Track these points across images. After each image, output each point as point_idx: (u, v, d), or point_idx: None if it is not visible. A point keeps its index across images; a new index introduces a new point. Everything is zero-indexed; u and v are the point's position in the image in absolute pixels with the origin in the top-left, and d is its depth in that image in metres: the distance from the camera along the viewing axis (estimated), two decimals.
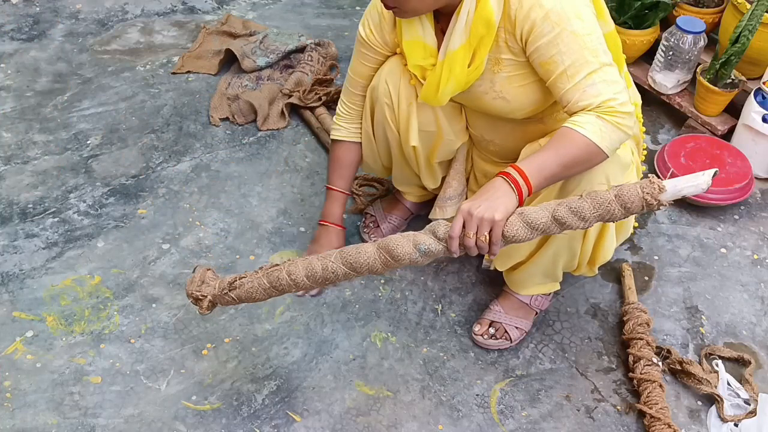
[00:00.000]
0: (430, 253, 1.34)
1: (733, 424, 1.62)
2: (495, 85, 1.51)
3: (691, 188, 1.26)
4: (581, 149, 1.33)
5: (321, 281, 1.41)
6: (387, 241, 1.36)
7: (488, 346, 1.76)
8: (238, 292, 1.45)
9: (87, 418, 1.61)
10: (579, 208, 1.28)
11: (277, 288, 1.44)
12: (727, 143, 2.21)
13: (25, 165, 2.20)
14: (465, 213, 1.30)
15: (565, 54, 1.36)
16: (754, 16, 2.08)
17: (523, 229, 1.30)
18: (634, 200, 1.25)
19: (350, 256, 1.37)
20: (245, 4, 2.98)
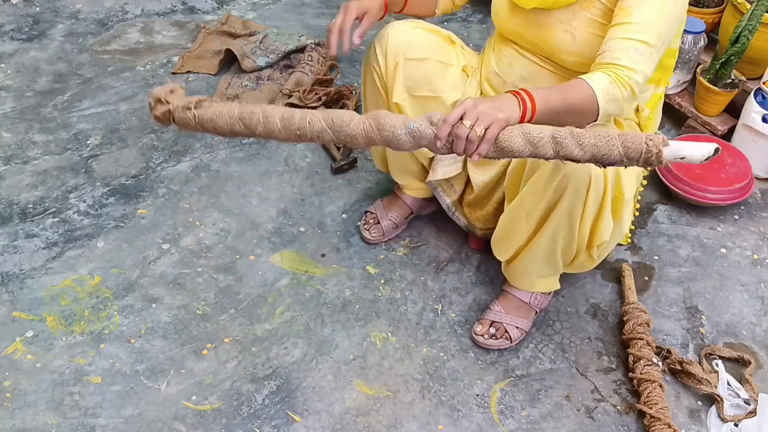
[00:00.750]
0: (417, 134, 1.29)
1: (733, 424, 1.62)
2: (574, 20, 1.51)
3: (692, 152, 1.25)
4: (584, 98, 1.37)
5: (294, 131, 1.33)
6: (378, 112, 1.32)
7: (489, 346, 1.76)
8: (202, 112, 1.36)
9: (87, 418, 1.61)
10: (580, 135, 1.26)
11: (245, 123, 1.35)
12: (727, 143, 2.21)
13: (25, 165, 2.20)
14: (468, 104, 1.28)
15: (642, 13, 1.40)
16: (754, 16, 2.08)
17: (519, 139, 1.27)
18: (637, 145, 1.23)
19: (333, 114, 1.32)
20: (245, 4, 2.98)
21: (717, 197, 2.08)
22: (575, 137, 1.26)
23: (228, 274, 1.92)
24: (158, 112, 1.39)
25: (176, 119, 1.39)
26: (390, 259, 1.98)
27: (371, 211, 2.04)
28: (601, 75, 1.39)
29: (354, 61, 2.67)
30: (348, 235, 2.04)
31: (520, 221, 1.63)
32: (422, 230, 2.06)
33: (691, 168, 2.11)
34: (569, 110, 1.37)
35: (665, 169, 2.14)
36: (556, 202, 1.52)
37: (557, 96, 1.36)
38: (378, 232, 2.00)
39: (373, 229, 2.00)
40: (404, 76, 1.70)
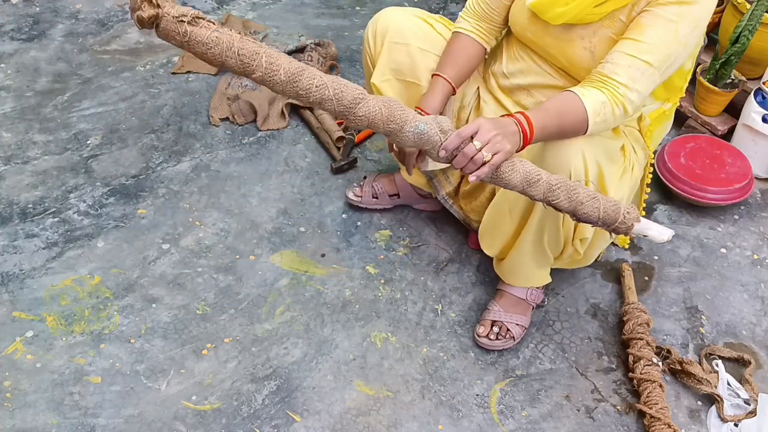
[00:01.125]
0: (423, 137, 1.28)
1: (733, 424, 1.62)
2: (594, 37, 1.52)
3: (655, 233, 1.38)
4: (577, 122, 1.41)
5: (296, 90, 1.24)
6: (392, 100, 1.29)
7: (494, 347, 1.76)
8: (197, 31, 1.22)
9: (87, 418, 1.61)
10: (572, 189, 1.33)
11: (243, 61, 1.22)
12: (727, 143, 2.21)
13: (25, 165, 2.20)
14: (484, 125, 1.32)
15: (654, 36, 1.41)
16: (754, 16, 2.08)
17: (518, 174, 1.32)
18: (615, 215, 1.34)
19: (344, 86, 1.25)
20: (245, 4, 2.98)
21: (717, 197, 2.08)
22: (567, 190, 1.33)
23: (228, 274, 1.92)
24: (144, 14, 1.19)
25: (161, 28, 1.21)
26: (390, 259, 1.98)
27: (365, 178, 2.12)
28: (597, 93, 1.41)
29: (354, 61, 2.67)
30: (348, 235, 2.04)
31: (504, 215, 1.65)
32: (422, 230, 2.06)
33: (692, 168, 2.11)
34: (561, 134, 1.44)
35: (665, 168, 2.14)
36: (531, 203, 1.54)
37: (554, 123, 1.41)
38: (359, 192, 2.07)
39: (357, 189, 2.08)
40: (388, 58, 1.72)
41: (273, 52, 1.25)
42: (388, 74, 1.74)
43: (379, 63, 1.73)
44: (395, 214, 2.10)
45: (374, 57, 1.75)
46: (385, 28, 1.71)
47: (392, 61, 1.72)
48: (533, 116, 1.39)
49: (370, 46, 1.75)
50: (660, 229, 1.38)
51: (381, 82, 1.74)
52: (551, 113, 1.41)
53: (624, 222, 1.34)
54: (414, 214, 2.10)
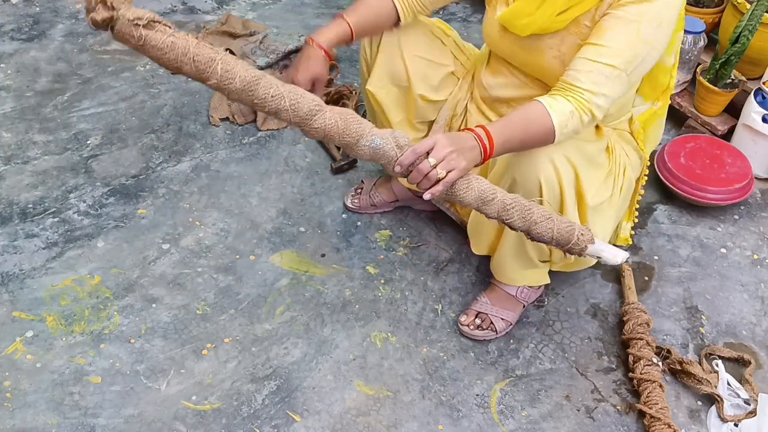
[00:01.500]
0: (379, 152, 1.27)
1: (733, 424, 1.62)
2: (562, 45, 1.51)
3: (609, 256, 1.40)
4: (543, 131, 1.39)
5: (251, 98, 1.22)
6: (348, 112, 1.27)
7: (474, 337, 1.78)
8: (152, 35, 1.19)
9: (87, 418, 1.61)
10: (527, 209, 1.34)
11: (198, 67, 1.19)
12: (727, 143, 2.21)
13: (25, 165, 2.20)
14: (440, 142, 1.31)
15: (615, 39, 1.39)
16: (754, 16, 2.08)
17: (473, 192, 1.32)
18: (568, 236, 1.35)
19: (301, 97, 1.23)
20: (245, 4, 2.98)
21: (717, 197, 2.08)
22: (521, 210, 1.33)
23: (228, 274, 1.92)
24: (98, 17, 1.16)
25: (116, 30, 1.19)
26: (390, 259, 1.98)
27: (363, 182, 2.12)
28: (564, 103, 1.39)
29: (354, 61, 2.67)
30: (348, 235, 2.04)
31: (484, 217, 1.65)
32: (422, 230, 2.06)
33: (692, 168, 2.11)
34: (528, 143, 1.42)
35: (665, 168, 2.14)
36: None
37: (517, 136, 1.39)
38: (357, 202, 2.08)
39: (355, 198, 2.09)
40: (384, 64, 1.72)
41: (230, 59, 1.22)
42: (385, 80, 1.74)
43: (375, 69, 1.73)
44: (395, 214, 2.10)
45: (370, 63, 1.75)
46: (379, 35, 1.71)
47: (388, 67, 1.72)
48: (494, 130, 1.37)
49: (366, 52, 1.75)
50: (614, 252, 1.40)
51: (377, 88, 1.74)
52: (515, 126, 1.39)
53: (577, 243, 1.35)
54: (414, 214, 2.10)
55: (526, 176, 1.47)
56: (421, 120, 1.82)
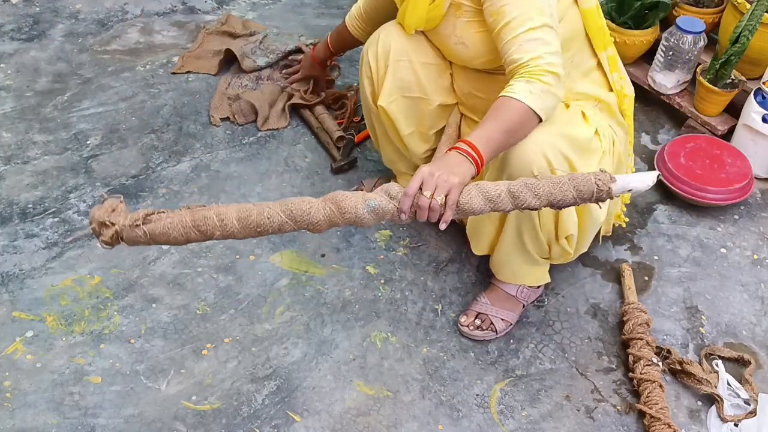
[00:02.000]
0: (378, 211, 1.29)
1: (733, 424, 1.62)
2: (456, 30, 1.58)
3: (638, 183, 1.34)
4: (517, 113, 1.39)
5: (254, 228, 1.29)
6: (335, 194, 1.31)
7: (474, 337, 1.78)
8: (152, 226, 1.27)
9: (87, 418, 1.61)
10: (534, 185, 1.32)
11: (200, 230, 1.27)
12: (727, 143, 2.21)
13: (25, 165, 2.20)
14: (425, 173, 1.31)
15: (513, 5, 1.42)
16: (754, 16, 2.08)
17: (477, 198, 1.31)
18: (587, 185, 1.31)
19: (292, 204, 1.29)
20: (245, 4, 2.98)
21: (717, 197, 2.08)
22: (530, 188, 1.31)
23: (228, 274, 1.92)
24: (106, 237, 1.28)
25: (125, 238, 1.29)
26: (390, 259, 1.98)
27: (363, 183, 2.12)
28: (520, 82, 1.40)
29: (354, 61, 2.67)
30: (348, 235, 2.04)
31: (483, 217, 1.67)
32: (422, 230, 2.06)
33: (692, 168, 2.11)
34: (511, 133, 1.41)
35: (665, 168, 2.14)
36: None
37: (494, 129, 1.38)
38: None
39: None
40: (394, 77, 1.72)
41: (221, 208, 1.29)
42: (395, 93, 1.74)
43: (385, 85, 1.72)
44: None
45: (378, 79, 1.74)
46: (387, 48, 1.71)
47: (398, 80, 1.72)
48: (472, 137, 1.38)
49: (371, 68, 1.75)
50: (641, 177, 1.34)
51: (388, 104, 1.74)
52: (490, 124, 1.39)
53: (601, 189, 1.32)
54: None
55: (519, 173, 1.47)
56: (433, 129, 1.82)
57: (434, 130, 1.82)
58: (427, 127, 1.80)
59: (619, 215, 1.90)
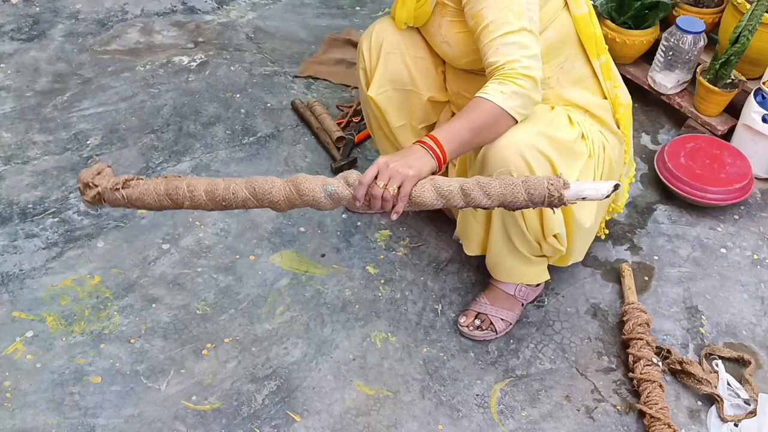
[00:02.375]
0: (335, 196, 1.34)
1: (733, 424, 1.62)
2: (441, 29, 1.60)
3: (592, 192, 1.30)
4: (488, 112, 1.40)
5: (219, 201, 1.37)
6: (296, 177, 1.35)
7: (474, 337, 1.78)
8: (130, 191, 1.38)
9: (87, 418, 1.61)
10: (486, 184, 1.32)
11: (172, 198, 1.37)
12: (726, 143, 2.21)
13: (25, 165, 2.20)
14: (381, 163, 1.33)
15: (491, 9, 1.44)
16: (754, 16, 2.08)
17: (430, 192, 1.32)
18: (539, 189, 1.29)
19: (256, 182, 1.35)
20: (245, 4, 2.98)
21: (717, 197, 2.08)
22: (482, 187, 1.32)
23: (228, 274, 1.92)
24: (88, 197, 1.39)
25: (106, 200, 1.40)
26: (390, 259, 1.98)
27: None
28: (494, 84, 1.41)
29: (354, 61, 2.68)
30: (348, 235, 2.04)
31: (470, 218, 1.69)
32: (422, 230, 2.06)
33: (692, 168, 2.11)
34: (478, 131, 1.41)
35: (665, 168, 2.14)
36: None
37: (461, 126, 1.40)
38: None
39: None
40: (385, 68, 1.73)
41: (192, 180, 1.38)
42: (386, 85, 1.75)
43: (376, 76, 1.74)
44: None
45: (371, 70, 1.76)
46: (380, 40, 1.72)
47: (389, 72, 1.74)
48: (437, 132, 1.39)
49: (365, 59, 1.76)
50: (597, 186, 1.31)
51: (378, 94, 1.75)
52: (458, 121, 1.40)
53: (552, 195, 1.30)
54: (414, 214, 2.10)
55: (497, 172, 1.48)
56: (423, 123, 1.83)
57: (424, 125, 1.83)
58: (417, 121, 1.81)
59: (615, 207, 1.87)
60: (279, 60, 2.67)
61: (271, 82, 2.57)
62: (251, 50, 2.71)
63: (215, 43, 2.74)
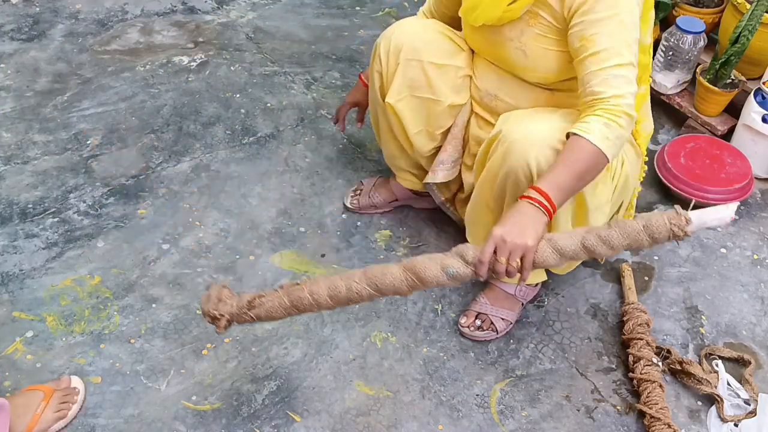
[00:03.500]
0: (457, 277, 1.34)
1: (733, 424, 1.62)
2: (522, 36, 1.53)
3: (716, 220, 1.30)
4: (590, 156, 1.38)
5: (344, 301, 1.41)
6: (414, 263, 1.36)
7: (475, 338, 1.78)
8: (257, 311, 1.43)
9: (87, 418, 1.61)
10: (607, 237, 1.31)
11: (297, 307, 1.42)
12: (726, 143, 2.21)
13: (25, 165, 2.20)
14: (497, 239, 1.31)
15: (606, 36, 1.40)
16: (754, 16, 2.08)
17: (553, 256, 1.33)
18: (662, 231, 1.29)
19: (375, 278, 1.37)
20: (245, 4, 2.98)
21: (717, 197, 2.08)
22: (604, 241, 1.31)
23: (228, 274, 1.92)
24: (222, 328, 1.44)
25: (237, 323, 1.46)
26: (390, 259, 1.98)
27: (362, 183, 2.12)
28: (594, 120, 1.38)
29: (354, 62, 2.67)
30: (348, 235, 2.04)
31: (482, 204, 1.67)
32: (422, 230, 2.06)
33: (692, 168, 2.11)
34: (581, 178, 1.40)
35: (665, 168, 2.14)
36: (503, 193, 1.57)
37: (566, 175, 1.37)
38: (356, 203, 2.08)
39: (354, 198, 2.09)
40: (404, 75, 1.71)
41: (312, 286, 1.41)
42: (404, 92, 1.73)
43: (395, 82, 1.72)
44: (395, 214, 2.10)
45: (388, 75, 1.73)
46: (399, 45, 1.70)
47: (408, 79, 1.71)
48: (544, 184, 1.37)
49: (381, 63, 1.74)
50: (718, 214, 1.30)
51: (396, 101, 1.73)
52: (561, 168, 1.38)
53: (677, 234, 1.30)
54: (414, 214, 2.10)
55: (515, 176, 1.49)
56: (439, 129, 1.80)
57: (441, 130, 1.81)
58: (434, 127, 1.79)
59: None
60: (279, 60, 2.67)
61: (271, 82, 2.57)
62: (251, 50, 2.71)
63: (215, 43, 2.74)
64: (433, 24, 1.74)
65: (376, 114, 1.87)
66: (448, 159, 1.82)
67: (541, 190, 1.36)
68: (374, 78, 1.79)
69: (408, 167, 1.95)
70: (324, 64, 2.67)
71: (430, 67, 1.70)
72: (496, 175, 1.55)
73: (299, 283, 1.43)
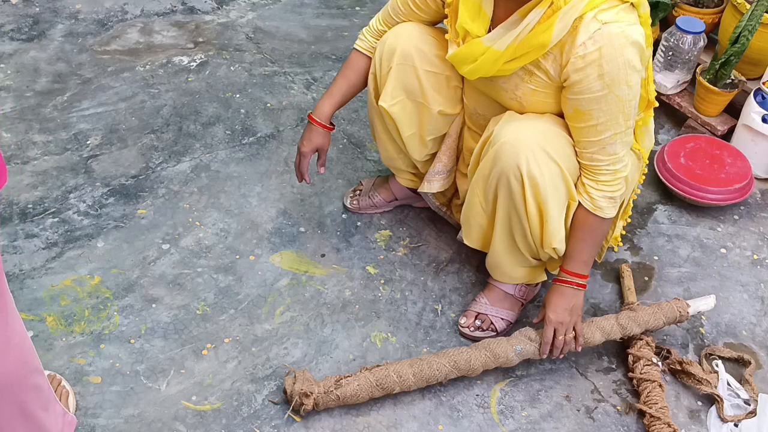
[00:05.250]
0: (524, 353, 1.64)
1: (733, 424, 1.62)
2: (518, 90, 1.55)
3: (705, 307, 1.76)
4: (603, 227, 1.59)
5: (426, 380, 1.60)
6: (489, 345, 1.63)
7: (475, 338, 1.78)
8: (343, 390, 1.55)
9: (87, 418, 1.61)
10: (636, 318, 1.69)
11: (382, 387, 1.57)
12: (726, 143, 2.21)
13: (25, 165, 2.20)
14: (554, 322, 1.62)
15: (603, 112, 1.45)
16: (754, 16, 2.08)
17: (598, 335, 1.68)
18: (673, 314, 1.71)
19: (455, 358, 1.61)
20: (245, 4, 2.98)
21: (717, 197, 2.08)
22: (635, 320, 1.69)
23: (228, 274, 1.92)
24: (308, 407, 1.56)
25: (321, 404, 1.57)
26: (390, 259, 1.98)
27: (362, 183, 2.12)
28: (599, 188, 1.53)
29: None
30: (348, 235, 2.04)
31: (476, 202, 1.67)
32: (422, 230, 2.06)
33: (691, 168, 2.11)
34: (598, 244, 1.62)
35: (665, 169, 2.14)
36: (495, 195, 1.58)
37: (588, 251, 1.61)
38: (356, 203, 2.08)
39: (354, 198, 2.09)
40: (396, 79, 1.69)
41: (398, 366, 1.60)
42: (400, 95, 1.71)
43: (387, 85, 1.70)
44: (395, 214, 2.10)
45: (380, 78, 1.72)
46: (393, 50, 1.68)
47: (401, 83, 1.70)
48: (570, 264, 1.62)
49: (375, 65, 1.73)
50: (705, 301, 1.75)
51: (391, 105, 1.71)
52: (585, 246, 1.59)
53: (682, 315, 1.71)
54: (414, 214, 2.10)
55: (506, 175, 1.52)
56: (432, 135, 1.79)
57: (432, 137, 1.79)
58: (426, 132, 1.77)
59: (616, 237, 1.90)
60: (279, 60, 2.67)
61: (271, 82, 2.57)
62: (251, 50, 2.71)
63: (215, 43, 2.74)
64: (427, 30, 1.72)
65: (371, 115, 1.86)
66: (443, 169, 1.84)
67: (572, 273, 1.61)
68: (370, 81, 1.78)
69: (406, 167, 1.95)
70: (324, 64, 2.67)
71: (424, 74, 1.68)
72: (488, 176, 1.56)
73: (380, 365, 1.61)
